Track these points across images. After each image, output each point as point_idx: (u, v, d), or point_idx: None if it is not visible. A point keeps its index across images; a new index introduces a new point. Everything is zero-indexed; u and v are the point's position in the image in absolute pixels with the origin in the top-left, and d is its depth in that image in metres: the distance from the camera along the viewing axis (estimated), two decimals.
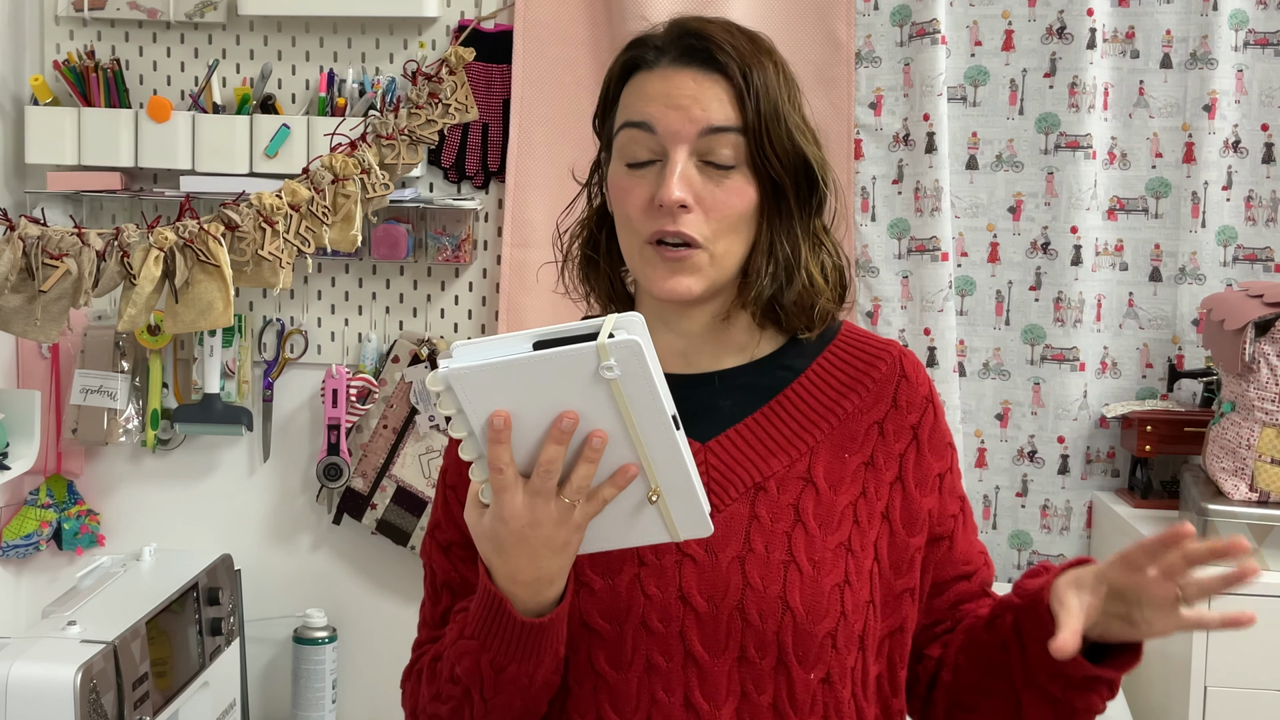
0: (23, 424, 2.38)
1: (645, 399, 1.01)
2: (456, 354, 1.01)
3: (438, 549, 1.30)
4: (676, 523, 1.08)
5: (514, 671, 1.15)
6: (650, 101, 1.21)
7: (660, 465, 1.04)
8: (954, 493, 1.30)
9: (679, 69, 1.22)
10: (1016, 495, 2.46)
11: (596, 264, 1.31)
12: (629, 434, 1.03)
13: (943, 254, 2.38)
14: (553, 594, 1.13)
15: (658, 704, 1.19)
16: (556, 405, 1.01)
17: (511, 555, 1.09)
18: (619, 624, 1.20)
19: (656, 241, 1.20)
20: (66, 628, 1.97)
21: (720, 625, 1.19)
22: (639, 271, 1.24)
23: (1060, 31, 2.38)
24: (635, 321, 1.00)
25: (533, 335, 1.01)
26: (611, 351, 0.98)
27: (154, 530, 2.54)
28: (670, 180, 1.18)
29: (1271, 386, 2.05)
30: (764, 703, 1.19)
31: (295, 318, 2.53)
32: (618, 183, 1.24)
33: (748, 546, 1.20)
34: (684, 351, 1.28)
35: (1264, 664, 1.94)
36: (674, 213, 1.19)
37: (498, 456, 1.03)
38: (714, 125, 1.20)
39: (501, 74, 2.44)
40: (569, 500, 1.05)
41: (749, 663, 1.19)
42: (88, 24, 2.51)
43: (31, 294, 2.15)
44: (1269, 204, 2.38)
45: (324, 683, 2.47)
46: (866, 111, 2.42)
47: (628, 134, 1.22)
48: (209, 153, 2.42)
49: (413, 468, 2.46)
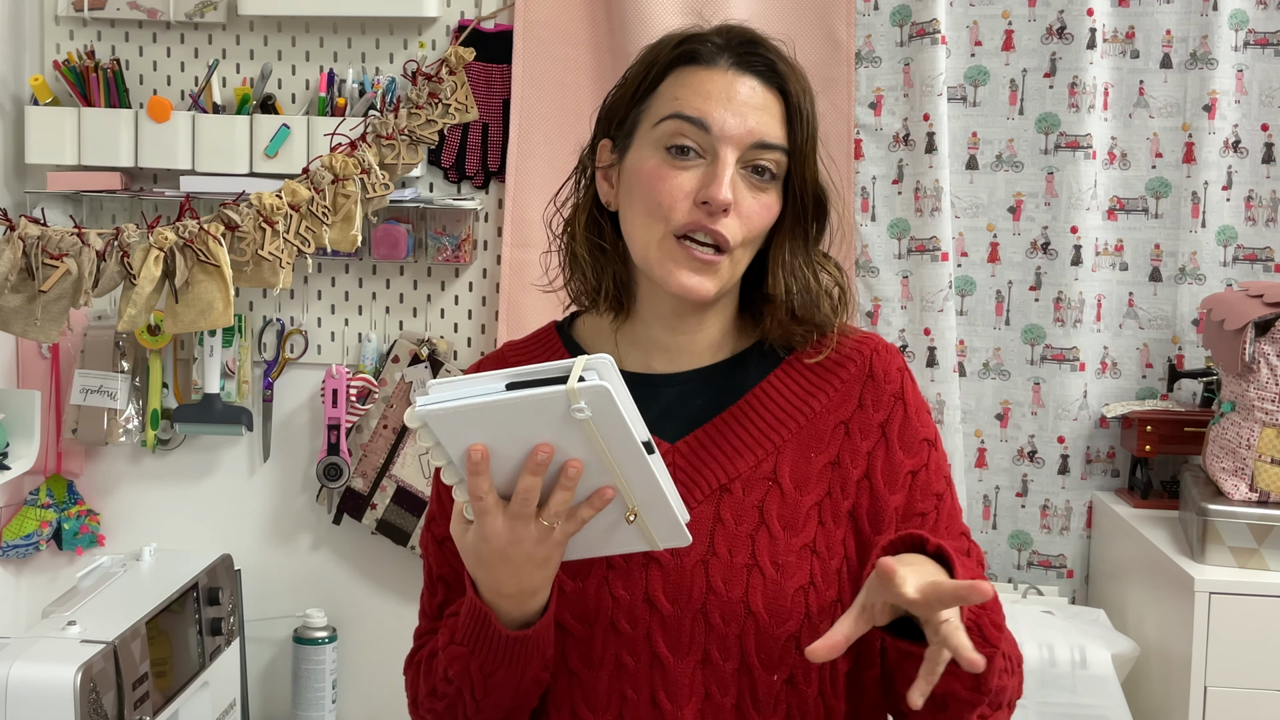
0: (23, 424, 2.38)
1: (617, 434, 1.04)
2: (432, 392, 1.05)
3: (433, 541, 1.32)
4: (655, 535, 1.12)
5: (502, 676, 1.19)
6: (709, 99, 1.21)
7: (636, 488, 1.08)
8: (929, 489, 1.27)
9: (740, 75, 1.23)
10: (1016, 495, 2.45)
11: (604, 251, 1.29)
12: (603, 463, 1.06)
13: (943, 254, 2.38)
14: (536, 604, 1.16)
15: (627, 702, 1.22)
16: (532, 439, 1.05)
17: (495, 570, 1.12)
18: (589, 624, 1.23)
19: (682, 236, 1.21)
20: (66, 628, 1.97)
21: (684, 628, 1.21)
22: (654, 262, 1.23)
23: (1060, 31, 2.38)
24: (605, 364, 1.04)
25: (505, 376, 1.04)
26: (581, 395, 1.02)
27: (154, 530, 2.54)
28: (724, 181, 1.19)
29: (1271, 386, 2.05)
30: (727, 704, 1.21)
31: (295, 318, 2.53)
32: (650, 169, 1.22)
33: (711, 550, 1.22)
34: (669, 349, 1.29)
35: (1264, 664, 1.94)
36: (717, 213, 1.20)
37: (477, 486, 1.07)
38: (767, 140, 1.22)
39: (501, 74, 2.44)
40: (548, 522, 1.08)
41: (712, 664, 1.21)
42: (88, 24, 2.51)
43: (31, 294, 2.14)
44: (1269, 204, 2.38)
45: (324, 683, 2.47)
46: (866, 111, 2.42)
47: (676, 125, 1.21)
48: (209, 153, 2.42)
49: (413, 468, 2.46)
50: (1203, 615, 1.94)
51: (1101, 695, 2.05)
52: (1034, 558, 2.45)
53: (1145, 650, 2.13)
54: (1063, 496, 2.44)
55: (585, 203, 1.31)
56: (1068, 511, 2.44)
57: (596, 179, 1.30)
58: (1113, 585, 2.33)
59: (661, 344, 1.29)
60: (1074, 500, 2.44)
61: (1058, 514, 2.45)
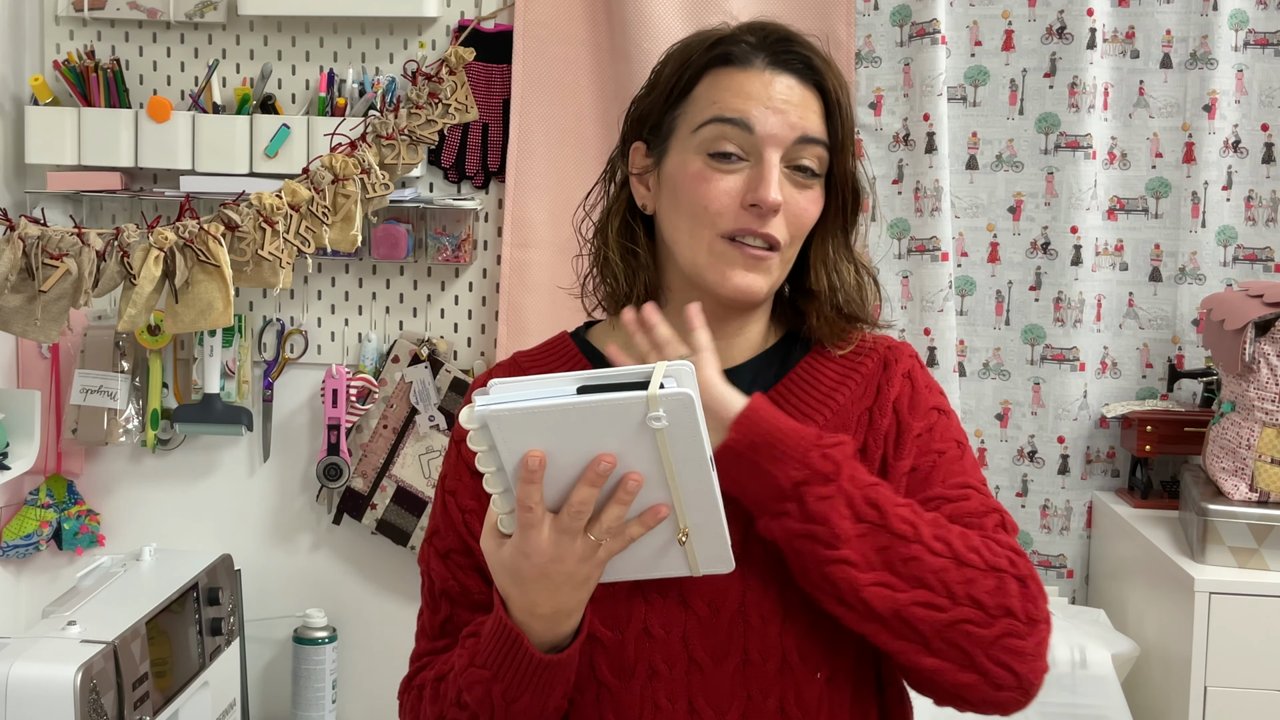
0: (23, 424, 2.38)
1: (689, 447, 0.99)
2: (494, 391, 0.99)
3: (436, 556, 1.27)
4: (700, 559, 1.08)
5: (526, 702, 1.14)
6: (749, 100, 1.20)
7: (692, 507, 1.03)
8: (929, 447, 1.24)
9: (778, 73, 1.22)
10: (1016, 495, 2.45)
11: (636, 255, 1.28)
12: (665, 478, 1.01)
13: (943, 254, 2.38)
14: (569, 627, 1.12)
15: (660, 711, 1.18)
16: (594, 448, 0.99)
17: (531, 589, 1.07)
18: (620, 631, 1.19)
19: (731, 238, 1.20)
20: (66, 628, 1.97)
21: (721, 630, 1.18)
22: (706, 266, 1.22)
23: (1060, 31, 2.38)
24: (685, 371, 0.99)
25: (577, 379, 0.99)
26: (662, 403, 0.96)
27: (154, 530, 2.54)
28: (771, 182, 1.19)
29: (1271, 386, 2.05)
30: (770, 706, 1.18)
31: (295, 318, 2.53)
32: (695, 172, 1.21)
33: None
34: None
35: (1264, 664, 1.94)
36: (766, 215, 1.19)
37: (528, 495, 1.01)
38: (810, 135, 1.21)
39: (501, 74, 2.44)
40: (595, 539, 1.04)
41: (753, 666, 1.18)
42: (88, 24, 2.51)
43: (31, 294, 2.14)
44: (1269, 204, 2.38)
45: (324, 683, 2.47)
46: (866, 111, 2.42)
47: (718, 129, 1.21)
48: (209, 153, 2.42)
49: (413, 468, 2.46)
50: (1203, 615, 1.94)
51: (1101, 695, 2.05)
52: (1034, 558, 2.45)
53: (1145, 650, 2.13)
54: (1063, 496, 2.44)
55: (619, 206, 1.30)
56: (1068, 511, 2.44)
57: (631, 183, 1.28)
58: (1113, 585, 2.33)
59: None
60: (1074, 500, 2.44)
61: (1058, 514, 2.45)
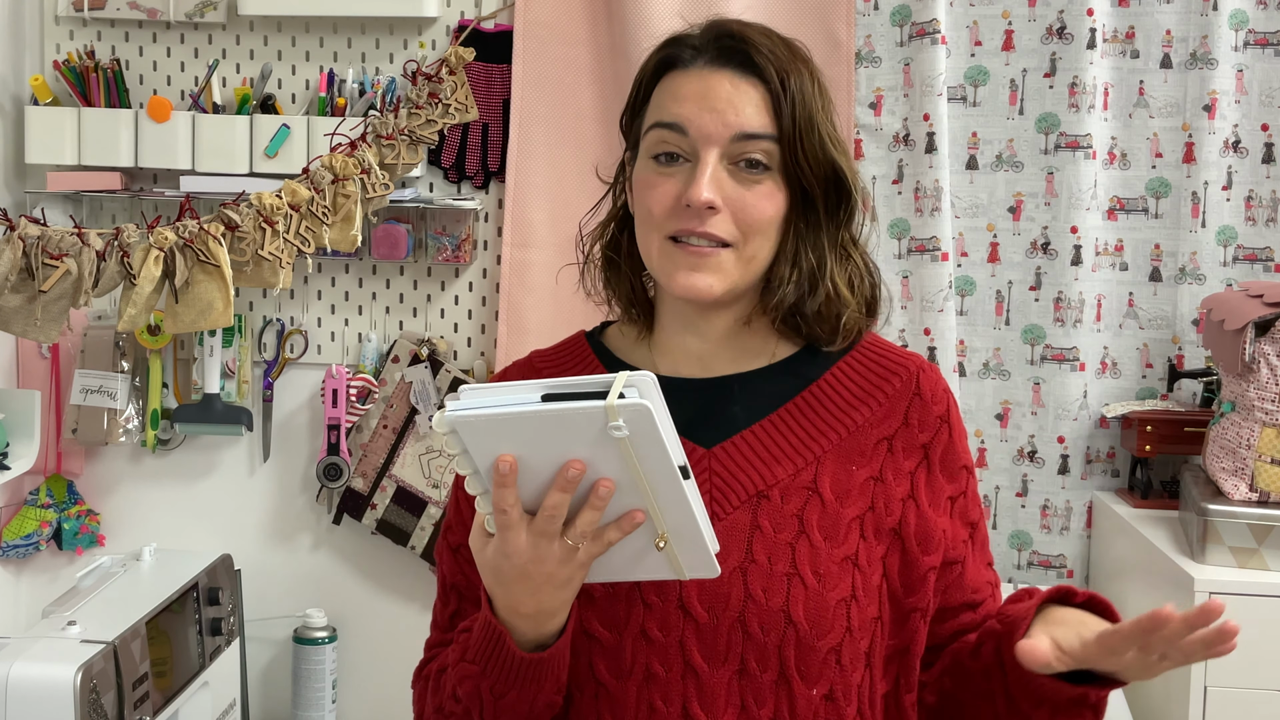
0: (23, 424, 2.38)
1: (654, 456, 1.00)
2: (464, 397, 1.01)
3: (448, 550, 1.29)
4: (683, 564, 1.08)
5: (513, 698, 1.15)
6: (684, 102, 1.20)
7: (668, 513, 1.04)
8: (966, 517, 1.27)
9: (715, 70, 1.20)
10: (1016, 495, 2.45)
11: (618, 266, 1.29)
12: (636, 485, 1.02)
13: (943, 254, 2.38)
14: (554, 626, 1.12)
15: (656, 712, 1.18)
16: (563, 454, 1.01)
17: (513, 589, 1.08)
18: (618, 632, 1.19)
19: (675, 239, 1.19)
20: (66, 628, 1.97)
21: (720, 636, 1.18)
22: (658, 269, 1.22)
23: (1060, 31, 2.38)
24: (647, 382, 1.00)
25: (542, 386, 1.00)
26: (620, 413, 0.98)
27: (154, 530, 2.54)
28: (701, 181, 1.17)
29: (1271, 386, 2.05)
30: (764, 716, 1.18)
31: (295, 318, 2.53)
32: (642, 178, 1.22)
33: (750, 557, 1.19)
34: (701, 355, 1.27)
35: (1264, 664, 1.94)
36: (702, 214, 1.18)
37: (502, 499, 1.03)
38: (747, 131, 1.18)
39: (501, 74, 2.44)
40: (573, 542, 1.05)
41: (749, 675, 1.18)
42: (88, 24, 2.51)
43: (31, 294, 2.14)
44: (1269, 204, 2.38)
45: (324, 683, 2.47)
46: (866, 111, 2.42)
47: (658, 134, 1.21)
48: (209, 153, 2.42)
49: (413, 468, 2.46)
50: None
51: None
52: (1034, 558, 2.45)
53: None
54: (1063, 496, 2.44)
55: (611, 215, 1.31)
56: (1068, 511, 2.44)
57: (626, 191, 1.29)
58: (1113, 585, 2.33)
59: (691, 350, 1.27)
60: (1074, 500, 2.44)
61: (1058, 514, 2.45)
